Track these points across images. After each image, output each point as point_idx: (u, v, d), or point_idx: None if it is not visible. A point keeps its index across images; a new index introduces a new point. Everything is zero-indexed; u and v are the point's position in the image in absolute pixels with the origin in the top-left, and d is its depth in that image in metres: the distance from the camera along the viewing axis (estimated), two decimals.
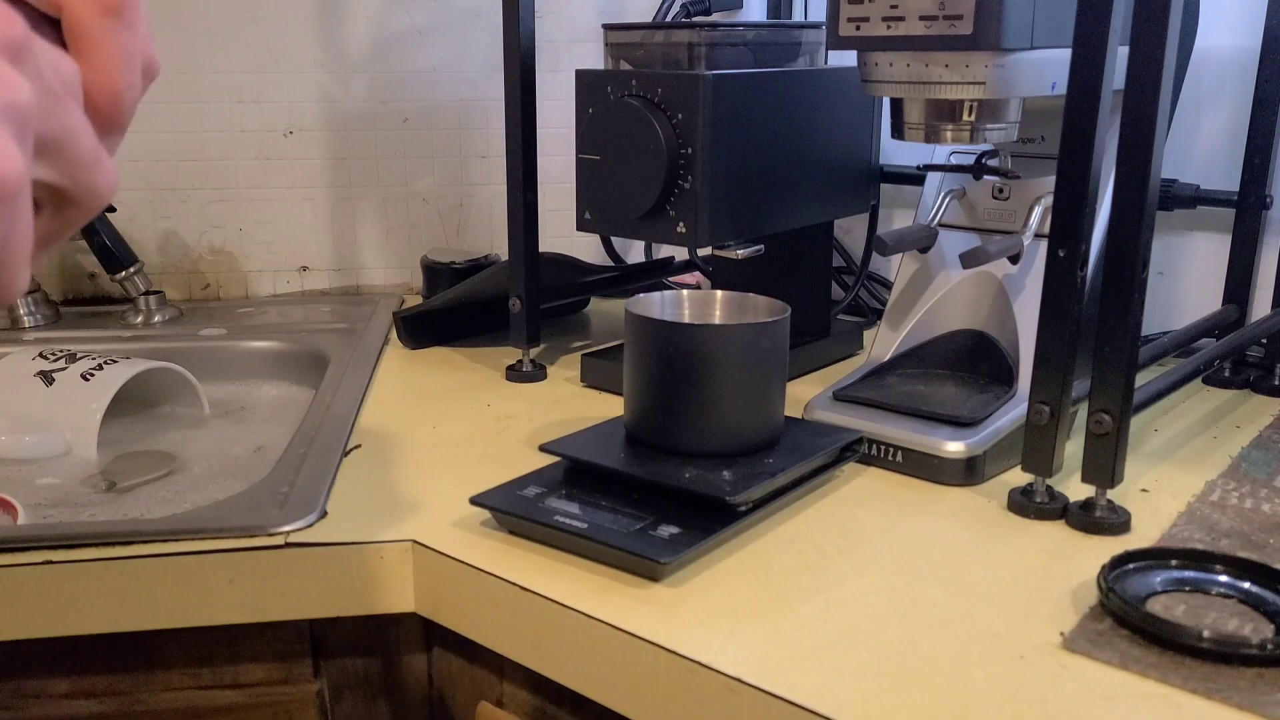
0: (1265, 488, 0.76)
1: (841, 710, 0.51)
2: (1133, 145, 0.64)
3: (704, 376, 0.72)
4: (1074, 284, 0.68)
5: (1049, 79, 0.74)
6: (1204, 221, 1.03)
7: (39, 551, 0.65)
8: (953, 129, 0.76)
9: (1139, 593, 0.60)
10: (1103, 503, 0.69)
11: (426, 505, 0.73)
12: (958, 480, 0.76)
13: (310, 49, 1.26)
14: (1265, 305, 0.99)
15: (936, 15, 0.70)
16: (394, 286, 1.34)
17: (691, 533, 0.64)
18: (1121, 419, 0.67)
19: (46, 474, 0.90)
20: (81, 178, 0.32)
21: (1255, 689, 0.52)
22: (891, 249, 0.86)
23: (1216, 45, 1.00)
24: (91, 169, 0.32)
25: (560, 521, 0.65)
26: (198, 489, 0.87)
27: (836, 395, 0.84)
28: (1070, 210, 0.67)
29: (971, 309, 0.88)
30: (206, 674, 0.71)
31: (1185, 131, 1.02)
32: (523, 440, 0.85)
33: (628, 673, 0.58)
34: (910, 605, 0.60)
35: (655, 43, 0.92)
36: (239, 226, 1.29)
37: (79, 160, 0.32)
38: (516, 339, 1.00)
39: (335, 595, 0.68)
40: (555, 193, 1.29)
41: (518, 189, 0.97)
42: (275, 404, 1.08)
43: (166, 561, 0.66)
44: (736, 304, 0.81)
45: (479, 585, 0.64)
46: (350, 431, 0.86)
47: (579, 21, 1.30)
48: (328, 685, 0.73)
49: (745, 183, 0.89)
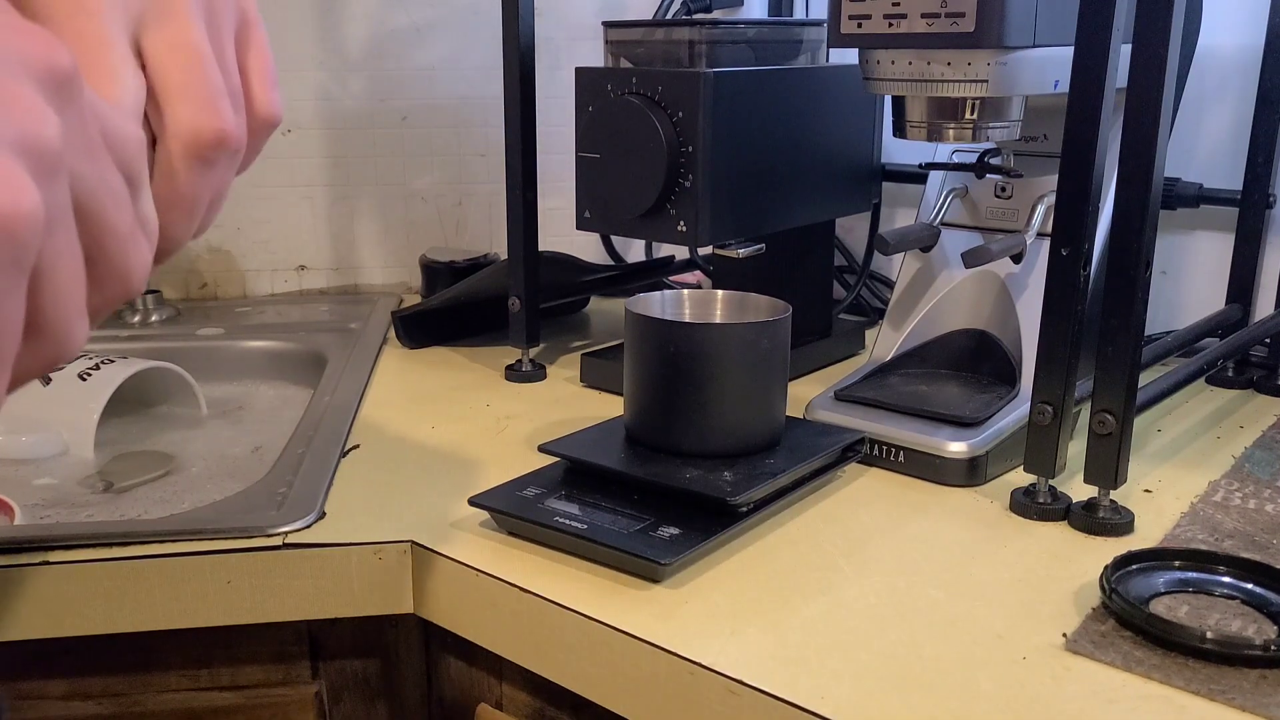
0: (1269, 488, 0.75)
1: (842, 712, 0.50)
2: (1135, 144, 0.64)
3: (705, 376, 0.72)
4: (1077, 283, 0.68)
5: (1051, 77, 0.74)
6: (1207, 221, 1.03)
7: (36, 552, 0.65)
8: (955, 127, 0.75)
9: (1142, 594, 0.59)
10: (1105, 503, 0.69)
11: (425, 506, 0.72)
12: (960, 481, 0.76)
13: (309, 47, 1.25)
14: (1269, 305, 0.99)
15: (938, 13, 0.70)
16: (392, 286, 1.34)
17: (692, 534, 0.64)
18: (1124, 419, 0.67)
19: (43, 474, 0.90)
20: (111, 247, 0.29)
21: (1259, 690, 0.51)
22: (893, 248, 0.85)
23: (1220, 43, 1.00)
24: (124, 240, 0.29)
25: (560, 522, 0.65)
26: (195, 489, 0.87)
27: (838, 395, 0.84)
28: (1073, 209, 0.67)
29: (974, 308, 0.88)
30: (204, 675, 0.71)
31: (1188, 130, 1.02)
32: (522, 440, 0.84)
33: (628, 674, 0.58)
34: (912, 606, 0.60)
35: (655, 40, 0.92)
36: (236, 225, 1.29)
37: (108, 227, 0.29)
38: (516, 339, 1.00)
39: (333, 596, 0.67)
40: (555, 191, 1.29)
41: (517, 187, 0.97)
42: (273, 404, 1.07)
43: (164, 562, 0.65)
44: (737, 303, 0.80)
45: (478, 586, 0.64)
46: (349, 432, 0.86)
47: (579, 19, 1.30)
48: (326, 687, 0.73)
49: (746, 181, 0.89)
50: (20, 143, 0.25)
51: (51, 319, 0.27)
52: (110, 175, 0.29)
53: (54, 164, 0.26)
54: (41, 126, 0.26)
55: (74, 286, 0.27)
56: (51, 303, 0.27)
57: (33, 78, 0.26)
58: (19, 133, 0.25)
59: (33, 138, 0.25)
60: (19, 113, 0.25)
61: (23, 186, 0.25)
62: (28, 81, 0.26)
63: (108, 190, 0.29)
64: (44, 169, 0.26)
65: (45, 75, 0.26)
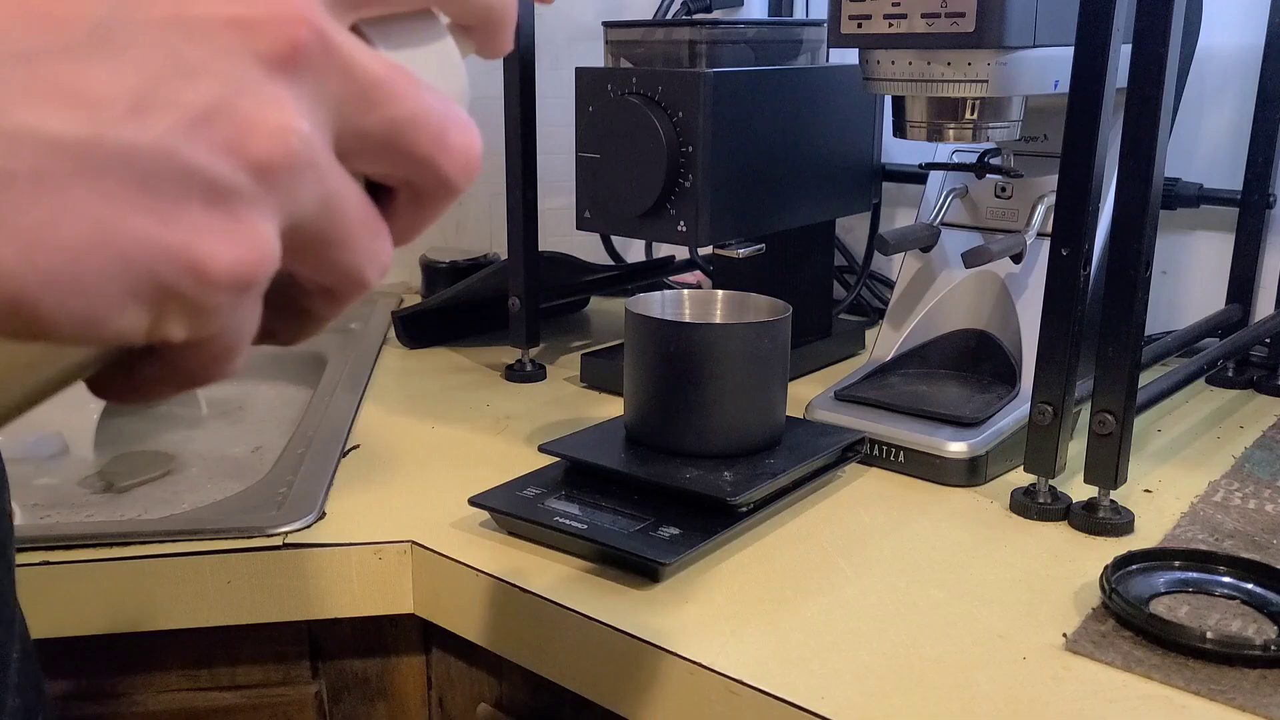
0: (1269, 488, 0.75)
1: (843, 712, 0.50)
2: (1136, 144, 0.64)
3: (705, 376, 0.72)
4: (1077, 283, 0.68)
5: (1052, 77, 0.74)
6: (1207, 221, 1.03)
7: (36, 552, 0.65)
8: (955, 127, 0.75)
9: (1142, 594, 0.59)
10: (1106, 503, 0.69)
11: (425, 506, 0.72)
12: (960, 481, 0.76)
13: None
14: (1269, 305, 0.99)
15: (939, 13, 0.70)
16: (392, 285, 1.34)
17: (692, 534, 0.64)
18: (1124, 419, 0.67)
19: (44, 474, 0.90)
20: (347, 262, 0.25)
21: (1259, 690, 0.51)
22: (893, 248, 0.85)
23: (1220, 43, 1.00)
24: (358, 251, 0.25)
25: (560, 522, 0.65)
26: (195, 489, 0.87)
27: (838, 395, 0.84)
28: (1073, 209, 0.67)
29: (974, 308, 0.88)
30: (204, 676, 0.71)
31: (1188, 130, 1.02)
32: (522, 440, 0.84)
33: (628, 674, 0.58)
34: (912, 606, 0.60)
35: (656, 40, 0.92)
36: None
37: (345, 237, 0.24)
38: (516, 339, 1.00)
39: (334, 596, 0.67)
40: (555, 191, 1.29)
41: (517, 187, 0.97)
42: (273, 404, 1.07)
43: (164, 562, 0.65)
44: (737, 303, 0.80)
45: (478, 586, 0.64)
46: (348, 432, 0.86)
47: (579, 19, 1.30)
48: (326, 687, 0.73)
49: (746, 181, 0.89)
50: (264, 171, 0.21)
51: (219, 356, 0.24)
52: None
53: (299, 186, 0.22)
54: (286, 139, 0.22)
55: (251, 325, 0.24)
56: (225, 344, 0.24)
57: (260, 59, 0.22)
58: (263, 154, 0.21)
59: (277, 162, 0.22)
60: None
61: (260, 238, 0.22)
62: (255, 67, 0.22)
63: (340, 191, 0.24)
64: (289, 198, 0.22)
65: (278, 53, 0.22)
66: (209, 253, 0.21)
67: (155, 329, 0.21)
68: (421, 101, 0.24)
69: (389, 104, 0.24)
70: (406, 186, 0.26)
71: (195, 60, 0.21)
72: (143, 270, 0.20)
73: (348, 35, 0.23)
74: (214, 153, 0.21)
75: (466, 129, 0.26)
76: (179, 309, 0.21)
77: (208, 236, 0.21)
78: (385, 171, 0.25)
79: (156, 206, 0.20)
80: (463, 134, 0.25)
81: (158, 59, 0.20)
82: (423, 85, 0.25)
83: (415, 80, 0.25)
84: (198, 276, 0.21)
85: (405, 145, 0.24)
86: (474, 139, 0.26)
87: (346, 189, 0.24)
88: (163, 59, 0.21)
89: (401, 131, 0.24)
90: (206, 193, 0.21)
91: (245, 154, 0.21)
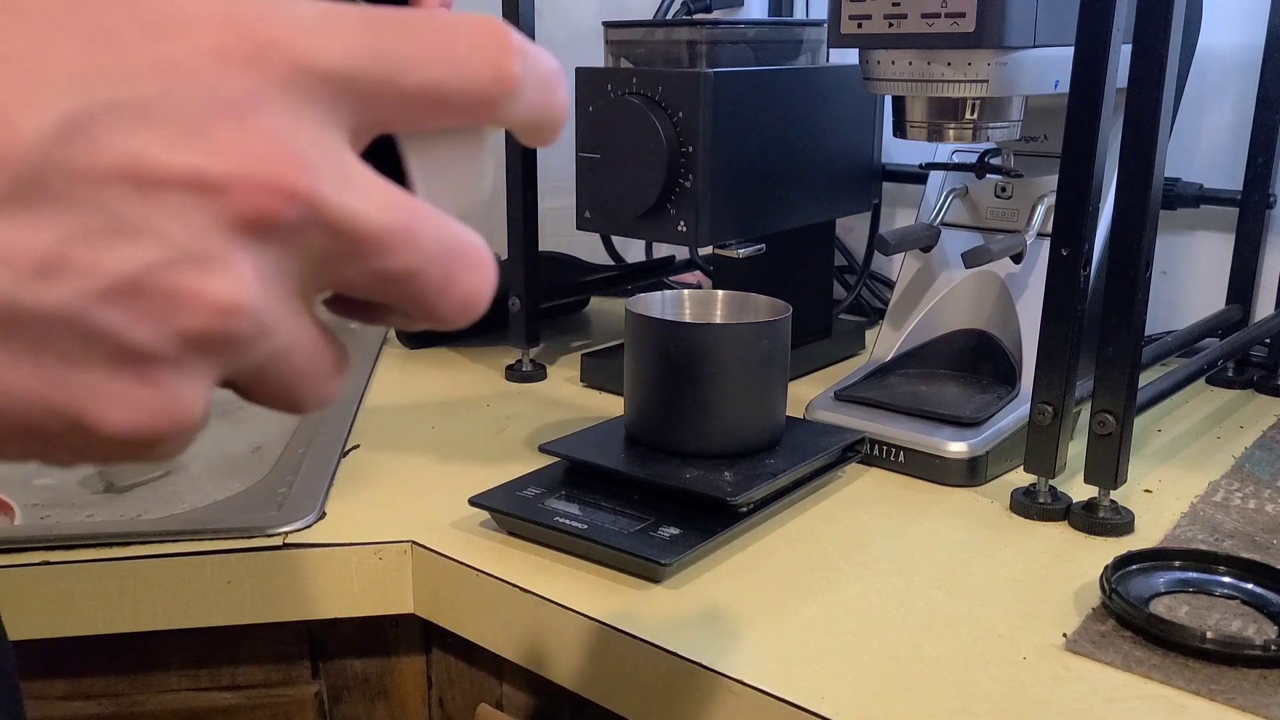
0: (1269, 488, 0.75)
1: (843, 712, 0.50)
2: (1136, 144, 0.64)
3: (705, 376, 0.72)
4: (1077, 283, 0.68)
5: (1052, 77, 0.74)
6: (1207, 221, 1.03)
7: (36, 552, 0.65)
8: (955, 127, 0.75)
9: (1142, 594, 0.59)
10: (1106, 503, 0.69)
11: (425, 506, 0.72)
12: (960, 481, 0.76)
13: None
14: (1269, 305, 0.99)
15: (939, 13, 0.70)
16: None
17: (692, 534, 0.64)
18: (1124, 419, 0.67)
19: (43, 474, 0.89)
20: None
21: (1259, 690, 0.51)
22: (893, 248, 0.85)
23: (1220, 43, 1.00)
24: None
25: (560, 522, 0.65)
26: (195, 489, 0.87)
27: (838, 395, 0.84)
28: (1073, 209, 0.67)
29: (974, 308, 0.88)
30: (204, 675, 0.71)
31: (1188, 130, 1.02)
32: (522, 440, 0.84)
33: (628, 674, 0.58)
34: (912, 606, 0.60)
35: (656, 40, 0.92)
36: None
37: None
38: (516, 339, 1.00)
39: (334, 596, 0.67)
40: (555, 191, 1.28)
41: (517, 187, 0.97)
42: None
43: (164, 562, 0.65)
44: (737, 303, 0.80)
45: (478, 586, 0.64)
46: (349, 431, 0.86)
47: (579, 19, 1.30)
48: (326, 687, 0.73)
49: (746, 181, 0.89)
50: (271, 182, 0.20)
51: (290, 386, 0.24)
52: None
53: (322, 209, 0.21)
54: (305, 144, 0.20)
55: (313, 355, 0.23)
56: (285, 380, 0.24)
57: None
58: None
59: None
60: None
61: (239, 278, 0.20)
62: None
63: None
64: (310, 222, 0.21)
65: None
66: (101, 416, 0.20)
67: (47, 460, 0.21)
68: (423, 252, 0.22)
69: (383, 258, 0.22)
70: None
71: (134, 220, 0.19)
72: (21, 423, 0.20)
73: (351, 175, 0.22)
74: (133, 321, 0.20)
75: (477, 268, 0.24)
76: (75, 452, 0.21)
77: (103, 400, 0.20)
78: (372, 299, 0.24)
79: (47, 368, 0.19)
80: (471, 275, 0.23)
81: (85, 216, 0.19)
82: (433, 223, 0.23)
83: (424, 221, 0.23)
84: (87, 435, 0.20)
85: (397, 294, 0.23)
86: (483, 280, 0.24)
87: (300, 341, 0.23)
88: (92, 216, 0.19)
89: (395, 281, 0.23)
90: (113, 357, 0.20)
91: (172, 325, 0.20)
